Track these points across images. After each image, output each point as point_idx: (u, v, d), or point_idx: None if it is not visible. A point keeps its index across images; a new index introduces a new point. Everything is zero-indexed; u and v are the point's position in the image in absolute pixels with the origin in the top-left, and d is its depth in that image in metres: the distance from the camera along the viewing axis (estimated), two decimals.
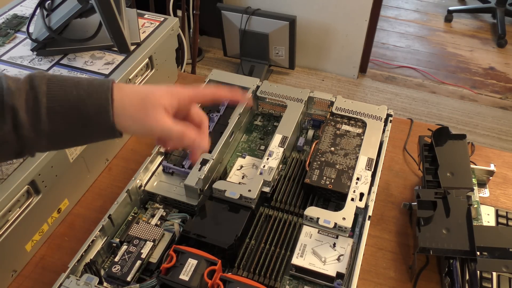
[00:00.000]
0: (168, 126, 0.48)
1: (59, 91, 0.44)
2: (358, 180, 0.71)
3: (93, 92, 0.45)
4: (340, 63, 2.35)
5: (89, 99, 0.45)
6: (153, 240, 0.67)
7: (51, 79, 0.45)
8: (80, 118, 0.45)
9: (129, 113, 0.47)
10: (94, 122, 0.46)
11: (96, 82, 0.46)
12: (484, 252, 0.63)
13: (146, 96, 0.47)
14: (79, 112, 0.45)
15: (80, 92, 0.45)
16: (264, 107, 0.92)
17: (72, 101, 0.44)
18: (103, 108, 0.45)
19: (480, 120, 2.14)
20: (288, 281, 0.65)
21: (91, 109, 0.45)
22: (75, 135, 0.47)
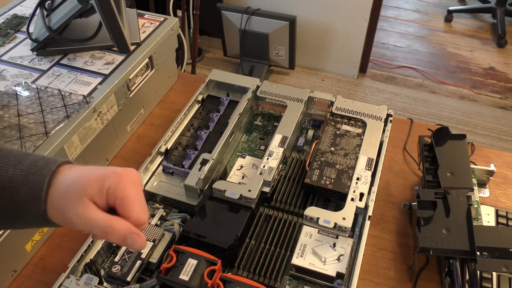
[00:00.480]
0: (90, 217, 0.38)
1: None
2: (358, 180, 0.71)
3: (30, 174, 0.39)
4: (340, 63, 2.35)
5: (23, 183, 0.39)
6: (153, 240, 0.67)
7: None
8: (12, 203, 0.39)
9: (55, 203, 0.39)
10: (25, 209, 0.39)
11: (41, 163, 0.40)
12: (484, 252, 0.63)
13: (71, 183, 0.39)
14: (10, 195, 0.39)
15: (17, 172, 0.39)
16: (264, 107, 0.92)
17: (4, 182, 0.39)
18: (35, 195, 0.39)
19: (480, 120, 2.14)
20: (288, 281, 0.65)
21: (22, 195, 0.39)
22: (8, 220, 0.41)
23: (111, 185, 0.39)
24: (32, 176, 0.39)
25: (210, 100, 0.92)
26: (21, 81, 0.81)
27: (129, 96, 0.87)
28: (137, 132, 0.94)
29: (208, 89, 0.93)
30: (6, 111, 0.74)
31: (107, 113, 0.81)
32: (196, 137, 0.83)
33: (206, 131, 0.83)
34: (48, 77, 0.82)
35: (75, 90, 0.79)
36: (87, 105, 0.76)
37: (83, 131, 0.76)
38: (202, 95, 0.91)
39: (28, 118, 0.73)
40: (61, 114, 0.74)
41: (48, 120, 0.72)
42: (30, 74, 0.83)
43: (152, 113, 0.98)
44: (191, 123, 0.86)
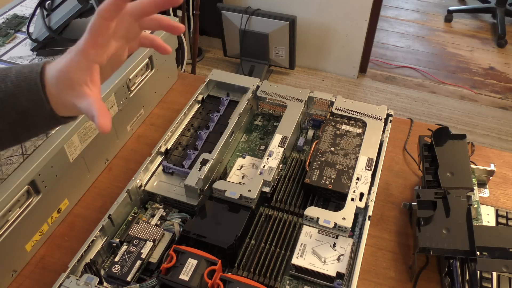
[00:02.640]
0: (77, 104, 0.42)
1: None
2: (358, 180, 0.71)
3: (21, 82, 0.41)
4: (340, 63, 2.35)
5: (20, 91, 0.41)
6: (153, 240, 0.67)
7: None
8: (18, 114, 0.41)
9: (56, 97, 0.42)
10: (33, 115, 0.42)
11: (25, 70, 0.42)
12: (484, 252, 0.63)
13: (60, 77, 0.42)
14: (14, 107, 0.41)
15: (8, 85, 0.40)
16: (264, 107, 0.92)
17: (2, 97, 0.41)
18: (37, 99, 0.41)
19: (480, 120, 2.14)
20: (288, 281, 0.65)
21: (24, 102, 0.41)
22: (21, 132, 0.44)
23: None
24: (23, 83, 0.40)
25: (210, 100, 0.92)
26: None
27: (129, 96, 0.87)
28: (137, 132, 0.94)
29: (208, 89, 0.93)
30: None
31: None
32: (196, 137, 0.83)
33: (206, 131, 0.83)
34: None
35: None
36: None
37: (83, 131, 0.76)
38: (202, 95, 0.91)
39: None
40: None
41: None
42: None
43: (152, 113, 0.98)
44: (191, 123, 0.86)
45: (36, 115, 0.42)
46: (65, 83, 0.41)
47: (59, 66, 0.42)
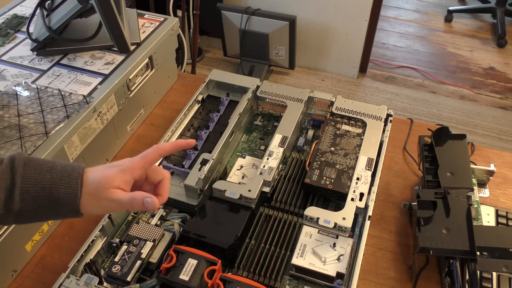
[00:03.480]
0: (118, 198, 0.50)
1: (33, 173, 0.47)
2: (358, 180, 0.71)
3: (65, 177, 0.48)
4: (340, 63, 2.35)
5: (61, 183, 0.48)
6: (153, 240, 0.67)
7: (28, 162, 0.48)
8: (50, 201, 0.48)
9: (87, 197, 0.50)
10: (62, 204, 0.49)
11: (68, 168, 0.50)
12: (484, 252, 0.63)
13: (99, 183, 0.50)
14: (50, 195, 0.48)
15: (53, 176, 0.48)
16: (264, 107, 0.92)
17: (45, 183, 0.47)
18: (73, 193, 0.48)
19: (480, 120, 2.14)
20: (288, 281, 0.65)
21: (61, 193, 0.48)
22: (42, 215, 0.49)
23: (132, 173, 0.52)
24: (66, 178, 0.48)
25: (210, 100, 0.92)
26: (21, 81, 0.81)
27: (129, 96, 0.87)
28: (137, 132, 0.94)
29: (208, 89, 0.93)
30: (6, 111, 0.74)
31: (107, 113, 0.81)
32: (196, 137, 0.83)
33: (206, 131, 0.83)
34: (48, 77, 0.82)
35: (75, 90, 0.79)
36: (87, 105, 0.76)
37: (83, 131, 0.76)
38: (202, 95, 0.91)
39: (28, 118, 0.73)
40: (61, 114, 0.74)
41: (48, 120, 0.72)
42: (30, 74, 0.83)
43: (152, 113, 0.98)
44: (191, 123, 0.86)
45: (64, 206, 0.49)
46: (106, 186, 0.50)
47: (105, 173, 0.51)
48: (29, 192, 0.47)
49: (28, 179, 0.47)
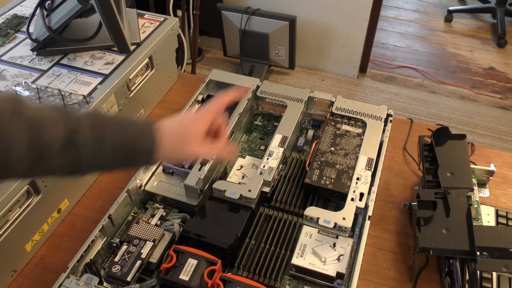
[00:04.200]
0: (196, 153, 0.56)
1: (112, 131, 0.49)
2: (358, 180, 0.71)
3: (142, 132, 0.51)
4: (340, 63, 2.35)
5: (143, 138, 0.51)
6: (153, 240, 0.67)
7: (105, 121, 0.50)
8: (128, 155, 0.51)
9: (167, 150, 0.53)
10: (139, 159, 0.52)
11: (142, 122, 0.52)
12: (484, 252, 0.63)
13: (181, 133, 0.54)
14: (129, 151, 0.50)
15: (131, 133, 0.50)
16: (264, 107, 0.92)
17: (124, 141, 0.50)
18: (149, 149, 0.51)
19: (480, 120, 2.14)
20: (288, 281, 0.65)
21: (137, 150, 0.51)
22: (119, 167, 0.53)
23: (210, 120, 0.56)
24: (145, 132, 0.51)
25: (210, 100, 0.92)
26: (21, 81, 0.81)
27: (129, 96, 0.87)
28: None
29: (208, 89, 0.93)
30: None
31: (107, 113, 0.81)
32: None
33: None
34: (48, 77, 0.82)
35: (75, 90, 0.79)
36: (87, 105, 0.76)
37: None
38: (202, 95, 0.91)
39: None
40: None
41: None
42: (30, 74, 0.83)
43: (152, 113, 0.98)
44: None
45: (142, 159, 0.52)
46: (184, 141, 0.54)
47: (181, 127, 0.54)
48: (110, 148, 0.49)
49: (108, 135, 0.49)
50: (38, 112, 0.46)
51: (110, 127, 0.49)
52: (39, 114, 0.45)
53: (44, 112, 0.46)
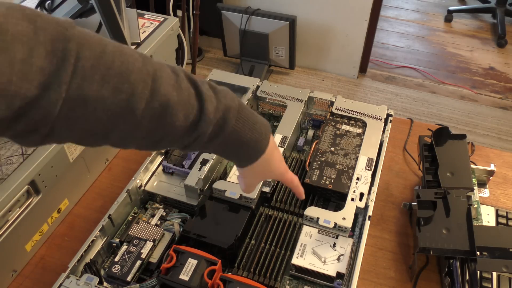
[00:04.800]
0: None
1: (241, 128, 0.49)
2: (358, 180, 0.71)
3: (259, 141, 0.51)
4: (340, 63, 2.35)
5: (254, 146, 0.51)
6: (153, 240, 0.67)
7: (240, 114, 0.48)
8: (235, 153, 0.51)
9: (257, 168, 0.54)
10: (241, 159, 0.53)
11: (263, 131, 0.52)
12: (484, 252, 0.63)
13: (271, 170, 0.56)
14: (239, 149, 0.50)
15: (252, 137, 0.50)
16: (264, 107, 0.92)
17: (243, 141, 0.50)
18: (255, 156, 0.52)
19: (480, 120, 2.14)
20: (288, 281, 0.65)
21: (249, 152, 0.51)
22: (223, 154, 0.52)
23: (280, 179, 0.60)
24: (259, 143, 0.51)
25: None
26: None
27: None
28: None
29: None
30: None
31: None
32: None
33: None
34: None
35: None
36: None
37: None
38: None
39: None
40: None
41: None
42: None
43: None
44: None
45: (240, 160, 0.53)
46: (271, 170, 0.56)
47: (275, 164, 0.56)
48: (227, 143, 0.49)
49: (233, 133, 0.48)
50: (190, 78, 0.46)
51: (239, 124, 0.49)
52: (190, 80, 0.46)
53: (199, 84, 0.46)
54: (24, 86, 0.32)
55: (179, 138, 0.45)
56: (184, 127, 0.44)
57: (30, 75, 0.32)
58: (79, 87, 0.35)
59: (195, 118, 0.44)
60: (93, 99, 0.36)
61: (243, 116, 0.49)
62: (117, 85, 0.37)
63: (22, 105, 0.33)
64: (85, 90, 0.35)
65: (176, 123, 0.42)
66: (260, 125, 0.51)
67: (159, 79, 0.41)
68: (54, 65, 0.33)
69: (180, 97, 0.42)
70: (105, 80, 0.36)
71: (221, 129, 0.46)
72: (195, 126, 0.44)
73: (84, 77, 0.35)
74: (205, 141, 0.46)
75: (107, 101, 0.37)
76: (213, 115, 0.45)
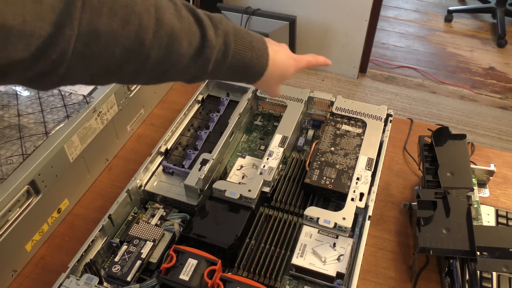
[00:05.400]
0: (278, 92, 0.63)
1: (240, 50, 0.51)
2: (358, 180, 0.71)
3: (260, 57, 0.54)
4: (340, 63, 2.35)
5: (256, 64, 0.53)
6: (153, 240, 0.67)
7: (237, 37, 0.50)
8: (241, 73, 0.54)
9: (267, 80, 0.57)
10: (249, 77, 0.55)
11: (261, 47, 0.54)
12: (484, 252, 0.63)
13: (282, 74, 0.59)
14: (246, 71, 0.53)
15: (253, 55, 0.52)
16: (264, 107, 0.92)
17: (246, 62, 0.52)
18: (260, 73, 0.55)
19: (480, 120, 2.14)
20: (288, 281, 0.65)
21: (253, 71, 0.54)
22: (229, 78, 0.54)
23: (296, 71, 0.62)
24: (260, 58, 0.54)
25: (210, 100, 0.92)
26: None
27: (129, 96, 0.87)
28: (137, 132, 0.94)
29: (208, 89, 0.93)
30: (6, 111, 0.74)
31: (107, 113, 0.81)
32: (196, 137, 0.83)
33: (206, 131, 0.83)
34: None
35: (75, 90, 0.79)
36: (87, 105, 0.76)
37: (83, 131, 0.76)
38: (202, 95, 0.91)
39: (28, 118, 0.73)
40: (61, 114, 0.74)
41: (48, 120, 0.72)
42: None
43: (152, 113, 0.98)
44: (191, 123, 0.86)
45: (248, 79, 0.56)
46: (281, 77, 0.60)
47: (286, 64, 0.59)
48: (232, 66, 0.51)
49: (235, 55, 0.50)
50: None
51: (239, 46, 0.51)
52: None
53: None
54: (38, 25, 0.32)
55: (186, 67, 0.46)
56: (189, 54, 0.45)
57: (42, 14, 0.32)
58: (90, 22, 0.35)
59: (198, 44, 0.45)
60: (104, 32, 0.36)
61: (240, 38, 0.51)
62: (125, 17, 0.38)
63: (38, 45, 0.33)
64: (95, 24, 0.36)
65: (181, 50, 0.43)
66: (256, 42, 0.53)
67: (160, 8, 0.41)
68: (63, 2, 0.34)
69: (182, 25, 0.43)
70: (113, 12, 0.37)
71: (224, 54, 0.48)
72: (200, 53, 0.46)
73: (93, 11, 0.35)
74: (211, 68, 0.48)
75: (117, 34, 0.37)
76: (214, 41, 0.46)
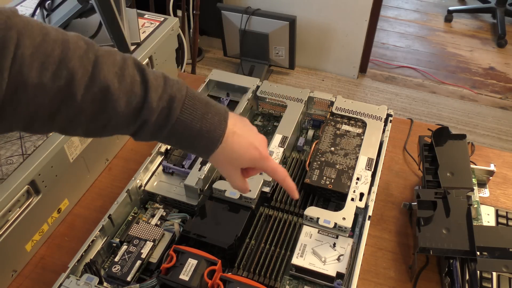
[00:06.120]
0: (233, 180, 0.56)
1: (187, 118, 0.48)
2: (358, 180, 0.71)
3: (211, 132, 0.49)
4: (340, 63, 2.35)
5: (206, 137, 0.49)
6: (153, 240, 0.67)
7: (186, 104, 0.48)
8: (189, 145, 0.50)
9: (218, 158, 0.52)
10: (198, 149, 0.51)
11: (216, 120, 0.50)
12: (484, 252, 0.63)
13: (236, 159, 0.53)
14: (193, 141, 0.49)
15: (203, 127, 0.49)
16: (264, 107, 0.92)
17: (193, 132, 0.49)
18: (210, 148, 0.51)
19: (480, 120, 2.14)
20: (288, 281, 0.65)
21: (202, 143, 0.50)
22: (179, 146, 0.52)
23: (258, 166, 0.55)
24: (212, 133, 0.50)
25: None
26: None
27: None
28: None
29: (208, 89, 0.93)
30: None
31: None
32: None
33: None
34: None
35: None
36: None
37: None
38: None
39: None
40: None
41: None
42: None
43: None
44: None
45: (197, 152, 0.52)
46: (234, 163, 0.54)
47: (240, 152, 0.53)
48: (177, 134, 0.48)
49: (180, 123, 0.47)
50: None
51: (186, 113, 0.48)
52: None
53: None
54: None
55: (125, 124, 0.46)
56: (127, 113, 0.45)
57: None
58: (19, 73, 0.37)
59: (138, 105, 0.45)
60: (33, 85, 0.38)
61: (190, 106, 0.48)
62: (56, 72, 0.39)
63: None
64: (24, 76, 0.38)
65: (118, 109, 0.44)
66: (213, 116, 0.50)
67: (99, 65, 0.42)
68: None
69: (121, 84, 0.44)
70: (44, 67, 0.38)
71: (166, 118, 0.47)
72: (139, 114, 0.45)
73: (23, 64, 0.37)
74: (152, 129, 0.47)
75: (46, 87, 0.39)
76: (156, 104, 0.45)
